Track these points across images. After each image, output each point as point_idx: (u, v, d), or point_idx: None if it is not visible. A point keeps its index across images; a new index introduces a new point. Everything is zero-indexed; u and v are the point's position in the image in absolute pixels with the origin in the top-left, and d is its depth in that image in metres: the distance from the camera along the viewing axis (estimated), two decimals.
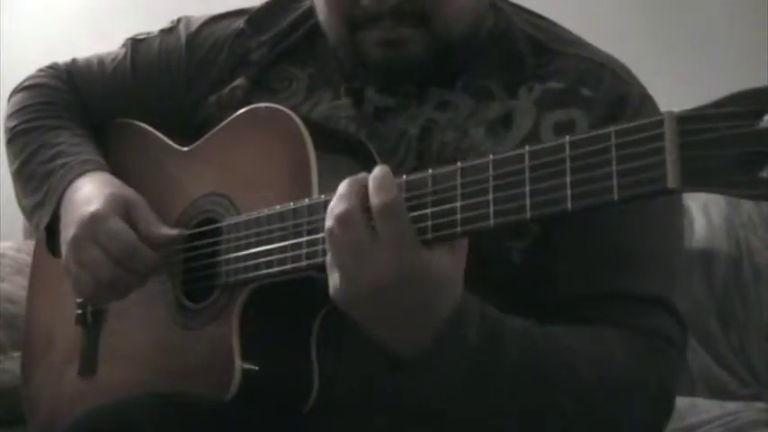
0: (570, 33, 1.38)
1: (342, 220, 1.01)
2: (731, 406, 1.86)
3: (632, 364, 1.17)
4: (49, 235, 1.42)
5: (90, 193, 1.36)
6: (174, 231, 1.33)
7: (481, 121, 1.29)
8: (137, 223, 1.33)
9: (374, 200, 1.00)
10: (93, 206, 1.33)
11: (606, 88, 1.27)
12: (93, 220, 1.32)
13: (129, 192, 1.37)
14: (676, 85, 1.95)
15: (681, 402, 1.67)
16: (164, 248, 1.32)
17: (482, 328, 1.06)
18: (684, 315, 1.23)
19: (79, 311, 1.44)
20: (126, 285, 1.33)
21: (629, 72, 1.32)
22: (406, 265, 1.00)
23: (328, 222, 1.03)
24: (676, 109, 0.85)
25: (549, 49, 1.32)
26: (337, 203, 1.02)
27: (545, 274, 1.23)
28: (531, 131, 1.26)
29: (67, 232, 1.35)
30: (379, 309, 1.03)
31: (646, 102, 1.28)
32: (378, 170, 1.02)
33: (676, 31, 2.45)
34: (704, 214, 2.05)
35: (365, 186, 1.02)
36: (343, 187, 1.03)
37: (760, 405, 1.86)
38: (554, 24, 1.39)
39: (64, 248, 1.36)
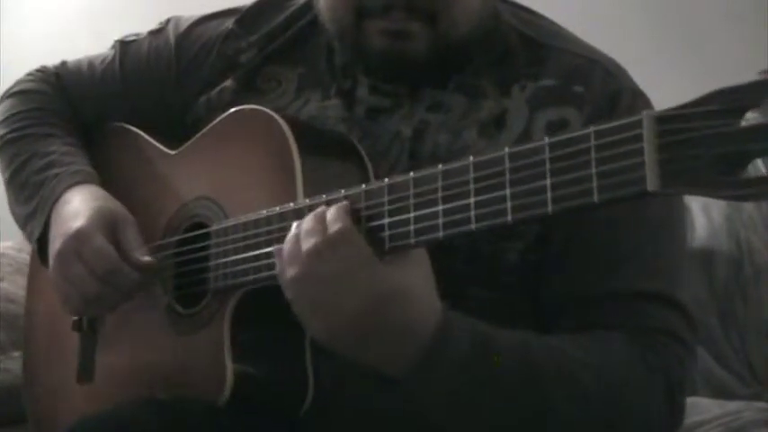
0: (559, 27, 1.37)
1: (311, 254, 1.03)
2: (732, 405, 1.85)
3: (634, 365, 1.16)
4: (42, 245, 1.42)
5: (77, 207, 1.36)
6: (149, 259, 1.32)
7: (474, 121, 1.28)
8: (120, 242, 1.33)
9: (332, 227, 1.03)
10: (79, 222, 1.33)
11: (598, 85, 1.27)
12: (78, 237, 1.32)
13: (116, 207, 1.37)
14: (676, 85, 1.94)
15: None
16: (144, 272, 1.32)
17: (473, 340, 1.06)
18: (690, 310, 1.22)
19: (75, 318, 1.44)
20: (112, 300, 1.34)
21: (619, 68, 1.31)
22: (369, 291, 1.02)
23: (294, 268, 1.05)
24: None
25: (539, 44, 1.32)
26: (306, 238, 1.04)
27: (544, 275, 1.23)
28: (524, 132, 1.25)
29: (54, 246, 1.35)
30: (362, 336, 1.05)
31: (637, 98, 1.28)
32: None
33: (676, 31, 2.44)
34: (705, 214, 2.05)
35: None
36: (308, 223, 1.05)
37: (760, 405, 1.85)
38: (542, 18, 1.38)
39: (51, 261, 1.36)
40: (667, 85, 1.61)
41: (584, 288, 1.20)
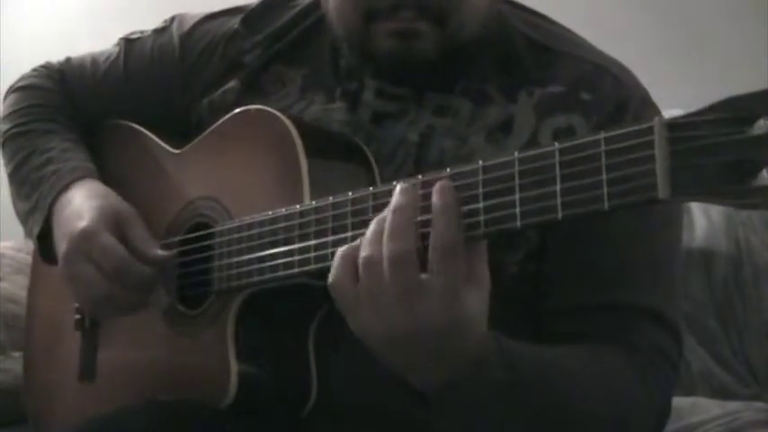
0: (568, 31, 1.36)
1: (397, 260, 0.95)
2: (731, 406, 1.85)
3: (640, 388, 1.17)
4: (43, 241, 1.42)
5: (80, 206, 1.35)
6: (166, 253, 1.31)
7: (481, 127, 1.27)
8: (129, 239, 1.32)
9: (440, 241, 0.95)
10: (84, 221, 1.32)
11: (606, 92, 1.26)
12: (85, 236, 1.31)
13: (119, 203, 1.36)
14: (676, 85, 1.95)
15: (681, 402, 1.67)
16: (158, 265, 1.31)
17: (503, 366, 1.04)
18: (680, 329, 1.23)
19: (78, 316, 1.44)
20: (124, 301, 1.32)
21: (629, 74, 1.30)
22: (450, 316, 0.96)
23: (369, 251, 0.96)
24: (677, 110, 0.84)
25: (547, 48, 1.31)
26: (391, 238, 0.96)
27: (541, 285, 1.23)
28: (531, 138, 1.25)
29: (61, 247, 1.35)
30: (410, 353, 0.99)
31: (646, 106, 1.27)
32: (442, 201, 0.96)
33: (676, 31, 2.44)
34: (704, 214, 2.05)
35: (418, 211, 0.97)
36: (396, 219, 0.96)
37: (760, 405, 1.85)
38: (551, 22, 1.37)
39: (59, 262, 1.35)
40: (667, 85, 1.61)
41: (580, 299, 1.20)
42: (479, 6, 1.27)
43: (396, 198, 0.98)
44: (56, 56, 1.63)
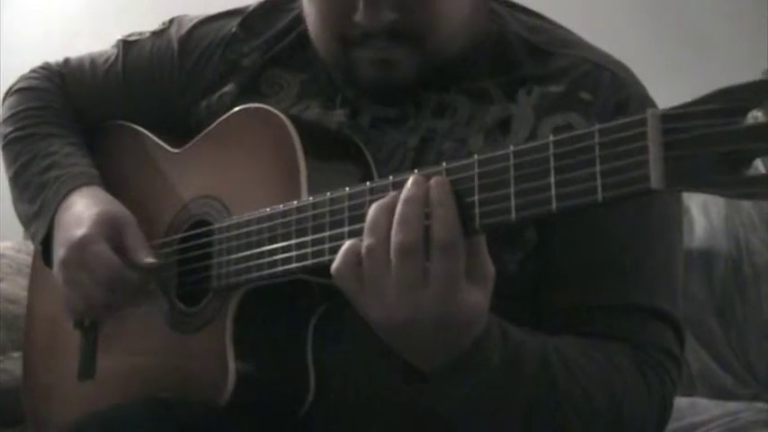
0: (568, 32, 1.36)
1: (404, 251, 0.96)
2: (731, 406, 1.85)
3: (640, 383, 1.17)
4: (46, 246, 1.42)
5: (80, 213, 1.36)
6: (154, 260, 1.32)
7: (480, 127, 1.27)
8: (124, 247, 1.33)
9: (439, 234, 0.96)
10: (82, 229, 1.33)
11: (606, 92, 1.25)
12: (81, 245, 1.32)
13: (118, 210, 1.37)
14: (676, 85, 1.94)
15: (680, 402, 1.67)
16: (146, 272, 1.32)
17: (503, 351, 1.05)
18: (682, 326, 1.23)
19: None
20: (116, 307, 1.35)
21: (629, 73, 1.30)
22: (449, 307, 0.97)
23: (371, 240, 0.98)
24: None
25: (545, 51, 1.30)
26: (400, 228, 0.96)
27: (543, 285, 1.23)
28: (530, 138, 1.24)
29: (58, 253, 1.36)
30: (408, 338, 1.01)
31: (646, 105, 1.26)
32: (438, 196, 0.97)
33: (676, 31, 2.45)
34: (704, 214, 2.05)
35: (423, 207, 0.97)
36: (406, 209, 0.97)
37: (759, 405, 1.86)
38: (551, 23, 1.37)
39: (55, 268, 1.37)
40: (667, 84, 1.61)
41: (583, 299, 1.20)
42: (459, 20, 1.26)
43: (408, 189, 0.98)
44: (56, 56, 1.63)
